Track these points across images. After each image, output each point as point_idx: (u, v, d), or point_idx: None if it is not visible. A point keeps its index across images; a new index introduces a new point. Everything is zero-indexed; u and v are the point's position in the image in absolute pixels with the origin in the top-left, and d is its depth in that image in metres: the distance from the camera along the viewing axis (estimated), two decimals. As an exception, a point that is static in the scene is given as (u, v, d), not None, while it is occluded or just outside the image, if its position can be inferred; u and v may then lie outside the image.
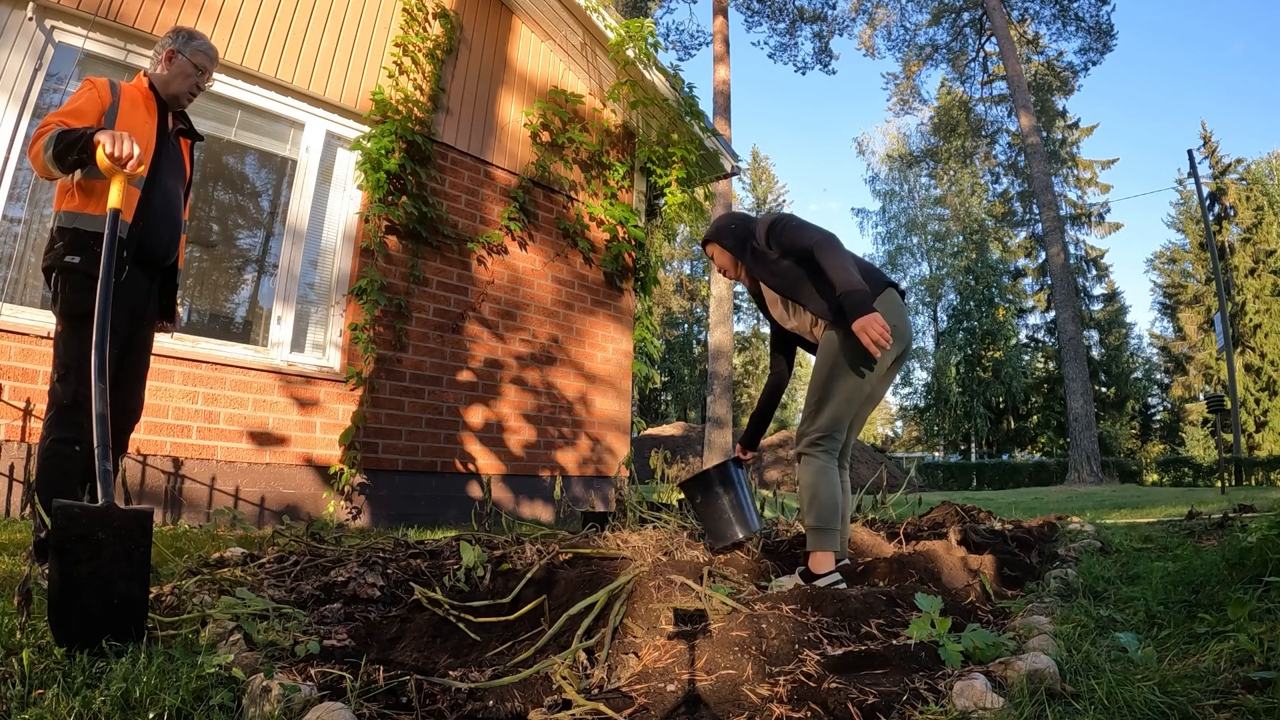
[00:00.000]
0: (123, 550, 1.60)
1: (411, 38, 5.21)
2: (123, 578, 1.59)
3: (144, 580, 1.64)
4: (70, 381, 2.27)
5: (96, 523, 1.58)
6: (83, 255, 2.32)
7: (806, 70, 25.45)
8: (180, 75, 2.57)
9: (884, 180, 39.52)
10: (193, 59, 2.57)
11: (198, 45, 2.60)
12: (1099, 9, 24.00)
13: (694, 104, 6.39)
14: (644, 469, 14.69)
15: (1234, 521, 3.29)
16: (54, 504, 1.56)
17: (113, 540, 1.59)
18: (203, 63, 2.60)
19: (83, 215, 2.35)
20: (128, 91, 2.48)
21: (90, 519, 1.57)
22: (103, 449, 1.77)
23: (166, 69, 2.56)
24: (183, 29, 2.64)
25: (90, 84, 2.41)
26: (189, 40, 2.60)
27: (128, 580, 1.60)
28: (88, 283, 2.29)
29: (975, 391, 33.28)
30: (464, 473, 5.23)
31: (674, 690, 1.37)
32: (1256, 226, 28.91)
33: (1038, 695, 1.24)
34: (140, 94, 2.51)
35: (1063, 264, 18.02)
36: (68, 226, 2.34)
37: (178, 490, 4.00)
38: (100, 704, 1.24)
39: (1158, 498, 8.37)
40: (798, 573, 2.31)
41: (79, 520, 1.56)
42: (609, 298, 6.43)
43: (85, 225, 2.34)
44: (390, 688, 1.39)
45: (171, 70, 2.56)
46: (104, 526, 1.58)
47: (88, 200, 2.35)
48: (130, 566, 1.61)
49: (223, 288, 5.21)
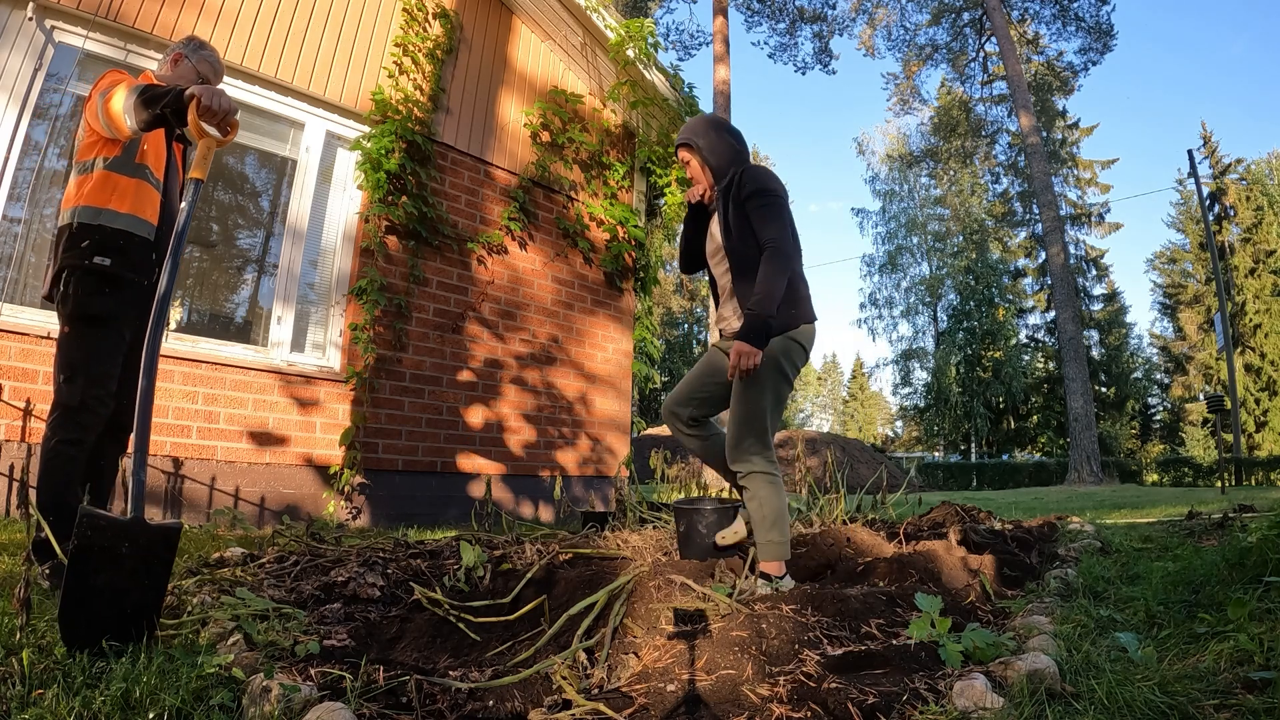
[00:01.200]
0: (143, 564, 1.59)
1: (411, 38, 5.21)
2: (138, 589, 1.58)
3: (160, 591, 1.63)
4: (78, 383, 2.26)
5: (121, 537, 1.56)
6: (114, 257, 2.29)
7: (806, 70, 25.47)
8: (183, 81, 2.54)
9: (884, 180, 39.51)
10: (198, 66, 2.57)
11: (205, 55, 2.60)
12: (1099, 9, 24.01)
13: (694, 104, 6.39)
14: (644, 469, 14.68)
15: (1234, 521, 3.29)
16: (80, 511, 1.53)
17: (135, 555, 1.58)
18: (206, 73, 2.59)
19: (106, 211, 2.30)
20: None
21: (116, 532, 1.56)
22: (140, 457, 1.71)
23: (171, 72, 2.56)
24: (194, 38, 2.64)
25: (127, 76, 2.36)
26: (198, 49, 2.60)
27: (143, 591, 1.59)
28: (103, 285, 2.29)
29: (975, 391, 33.27)
30: (464, 473, 5.23)
31: (674, 690, 1.37)
32: (1256, 226, 28.91)
33: (1038, 695, 1.24)
34: None
35: (1063, 264, 18.01)
36: (90, 223, 2.29)
37: (178, 490, 4.00)
38: (100, 704, 1.24)
39: (1158, 498, 8.37)
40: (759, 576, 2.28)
41: (104, 532, 1.54)
42: (609, 298, 6.43)
43: (111, 223, 2.30)
44: (390, 688, 1.39)
45: (175, 74, 2.55)
46: (129, 541, 1.57)
47: (109, 196, 2.31)
48: (148, 579, 1.60)
49: (223, 288, 5.21)
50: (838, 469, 3.73)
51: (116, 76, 2.33)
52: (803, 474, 4.03)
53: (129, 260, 2.34)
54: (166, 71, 2.56)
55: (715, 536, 2.51)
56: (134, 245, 2.36)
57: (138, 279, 2.38)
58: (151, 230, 2.42)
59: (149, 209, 2.41)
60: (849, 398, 56.38)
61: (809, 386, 53.29)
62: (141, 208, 2.39)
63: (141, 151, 2.39)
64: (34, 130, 3.80)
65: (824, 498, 3.55)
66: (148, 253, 2.41)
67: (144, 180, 2.40)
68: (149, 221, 2.41)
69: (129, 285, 2.35)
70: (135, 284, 2.37)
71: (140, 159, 2.39)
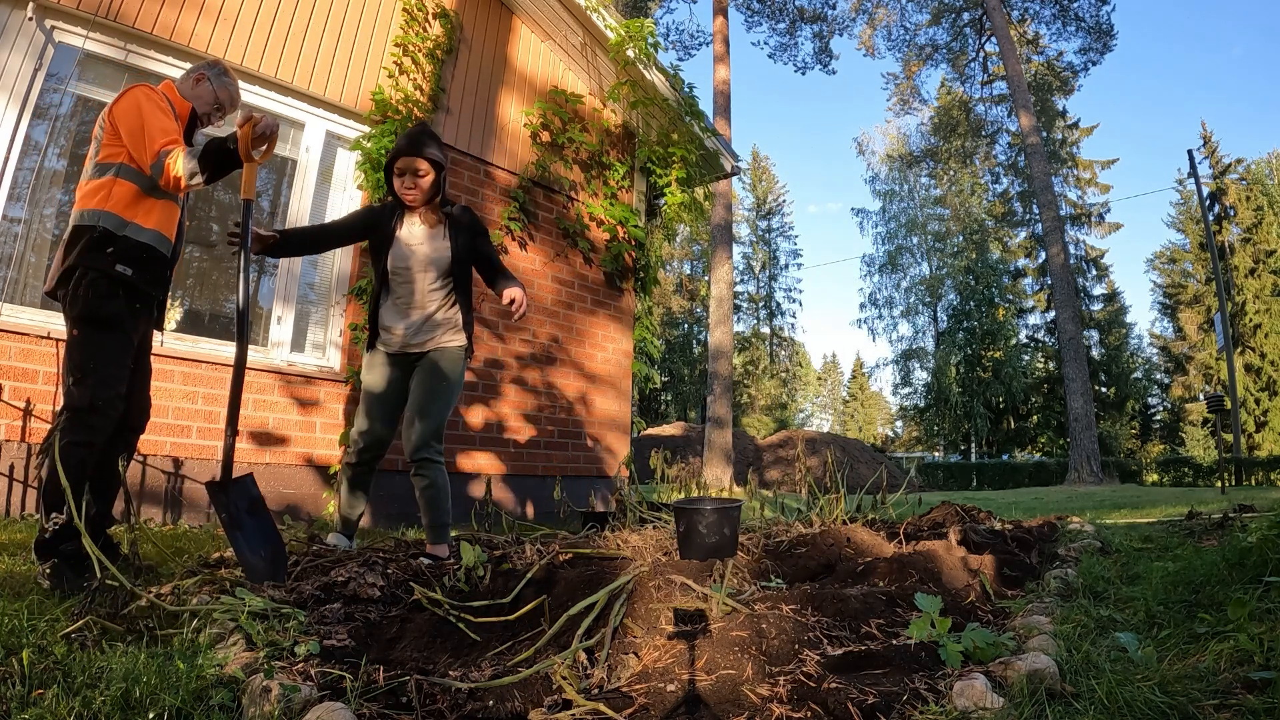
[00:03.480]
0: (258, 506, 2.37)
1: (411, 38, 5.21)
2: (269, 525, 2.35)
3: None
4: (88, 385, 2.26)
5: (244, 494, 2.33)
6: (135, 269, 2.34)
7: (806, 70, 25.48)
8: (200, 99, 2.62)
9: (884, 180, 39.54)
10: (218, 91, 2.64)
11: (226, 82, 2.67)
12: (1099, 9, 24.03)
13: (694, 104, 6.38)
14: (644, 469, 14.69)
15: (1234, 521, 3.29)
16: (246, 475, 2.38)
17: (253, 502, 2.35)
18: (225, 100, 2.67)
19: (132, 225, 2.35)
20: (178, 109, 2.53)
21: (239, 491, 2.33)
22: (231, 429, 2.36)
23: (192, 90, 2.62)
24: (219, 63, 2.71)
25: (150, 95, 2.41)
26: (221, 75, 2.67)
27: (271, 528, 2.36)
28: (116, 290, 2.32)
29: (975, 391, 33.28)
30: (464, 473, 5.23)
31: (674, 690, 1.37)
32: (1256, 226, 28.92)
33: (1038, 695, 1.24)
34: (181, 112, 2.56)
35: (1063, 264, 18.02)
36: (115, 232, 2.31)
37: (178, 490, 4.00)
38: (100, 704, 1.24)
39: (1158, 498, 8.37)
40: (427, 559, 2.73)
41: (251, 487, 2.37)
42: (609, 298, 6.43)
43: (136, 235, 2.35)
44: (390, 688, 1.39)
45: (196, 92, 2.62)
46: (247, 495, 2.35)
47: (136, 211, 2.36)
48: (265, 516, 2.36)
49: (223, 288, 5.22)
50: (838, 469, 3.73)
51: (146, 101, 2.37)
52: (803, 474, 4.03)
53: (148, 274, 2.40)
54: (188, 88, 2.62)
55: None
56: (155, 260, 2.42)
57: (153, 293, 2.45)
58: (170, 247, 2.49)
59: (170, 226, 2.48)
60: (849, 398, 56.39)
61: (809, 386, 53.26)
62: (166, 225, 2.45)
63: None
64: (34, 130, 3.80)
65: (824, 498, 3.54)
66: (164, 269, 2.48)
67: (170, 200, 2.47)
68: (169, 239, 2.48)
69: (143, 297, 2.41)
70: (150, 297, 2.44)
71: None
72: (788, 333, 46.62)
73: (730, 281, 16.07)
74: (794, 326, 47.57)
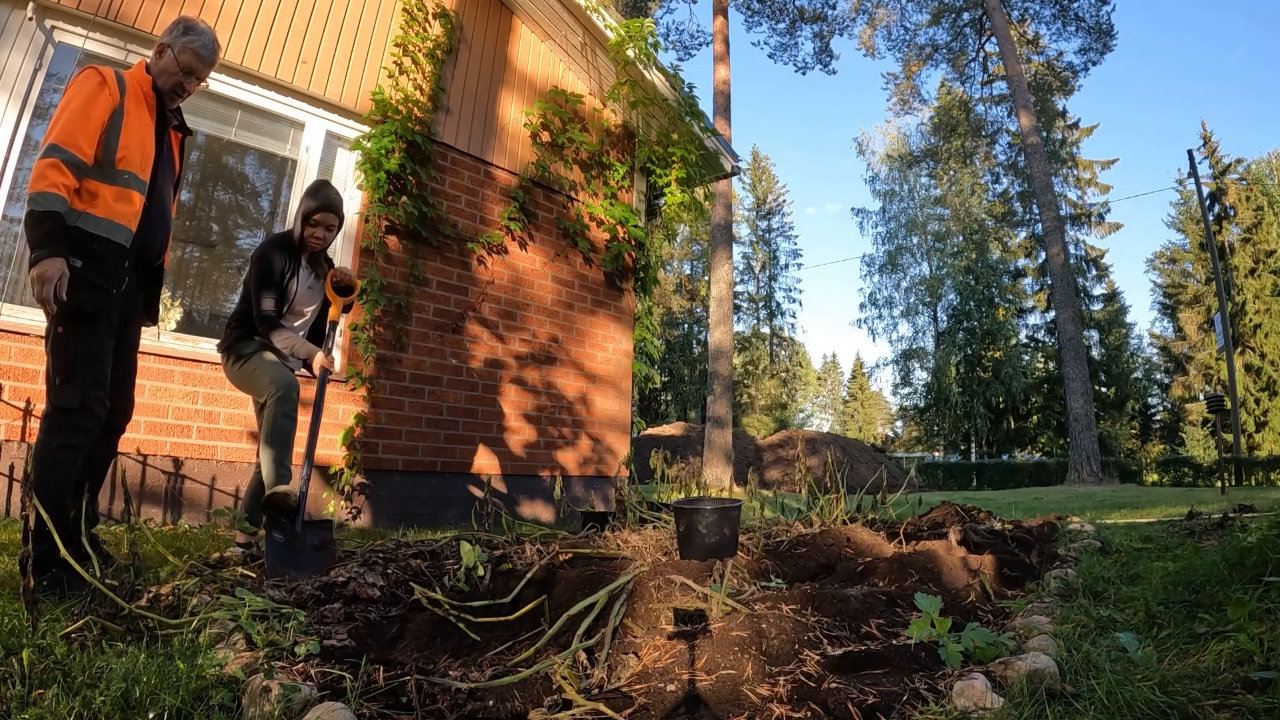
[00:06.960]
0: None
1: (411, 38, 5.21)
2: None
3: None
4: (77, 385, 2.20)
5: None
6: (85, 260, 2.22)
7: (806, 70, 25.47)
8: (164, 73, 2.45)
9: (884, 180, 39.55)
10: (179, 57, 2.44)
11: (188, 41, 2.46)
12: (1099, 9, 24.02)
13: (694, 104, 6.38)
14: (644, 469, 14.69)
15: (1234, 521, 3.29)
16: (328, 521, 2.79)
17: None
18: (189, 63, 2.46)
19: (86, 215, 2.23)
20: (131, 88, 2.37)
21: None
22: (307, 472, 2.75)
23: (156, 64, 2.45)
24: (183, 19, 2.52)
25: (99, 77, 2.28)
26: (182, 34, 2.46)
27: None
28: (87, 284, 2.22)
29: (975, 391, 33.27)
30: (464, 473, 5.23)
31: (674, 690, 1.37)
32: (1256, 226, 28.90)
33: (1038, 695, 1.24)
34: (142, 90, 2.41)
35: (1063, 264, 18.02)
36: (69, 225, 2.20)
37: (178, 490, 4.00)
38: (100, 704, 1.24)
39: (1158, 498, 8.37)
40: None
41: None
42: (609, 298, 6.43)
43: (88, 227, 2.24)
44: (390, 688, 1.39)
45: (160, 66, 2.45)
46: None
47: (92, 202, 2.25)
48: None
49: (223, 288, 5.21)
50: (838, 469, 3.73)
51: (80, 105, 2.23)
52: (803, 474, 4.03)
53: (100, 267, 2.26)
54: (153, 64, 2.46)
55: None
56: (108, 251, 2.28)
57: (106, 286, 2.29)
58: (129, 236, 2.33)
59: (128, 215, 2.33)
60: (849, 398, 56.38)
61: (809, 387, 53.26)
62: (120, 213, 2.31)
63: (121, 157, 2.30)
64: (34, 130, 3.80)
65: (824, 498, 3.54)
66: (121, 260, 2.33)
67: (123, 186, 2.31)
68: (127, 227, 2.32)
69: (98, 290, 2.27)
70: (104, 290, 2.29)
71: (121, 164, 2.30)
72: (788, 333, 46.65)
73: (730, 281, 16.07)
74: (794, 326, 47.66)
